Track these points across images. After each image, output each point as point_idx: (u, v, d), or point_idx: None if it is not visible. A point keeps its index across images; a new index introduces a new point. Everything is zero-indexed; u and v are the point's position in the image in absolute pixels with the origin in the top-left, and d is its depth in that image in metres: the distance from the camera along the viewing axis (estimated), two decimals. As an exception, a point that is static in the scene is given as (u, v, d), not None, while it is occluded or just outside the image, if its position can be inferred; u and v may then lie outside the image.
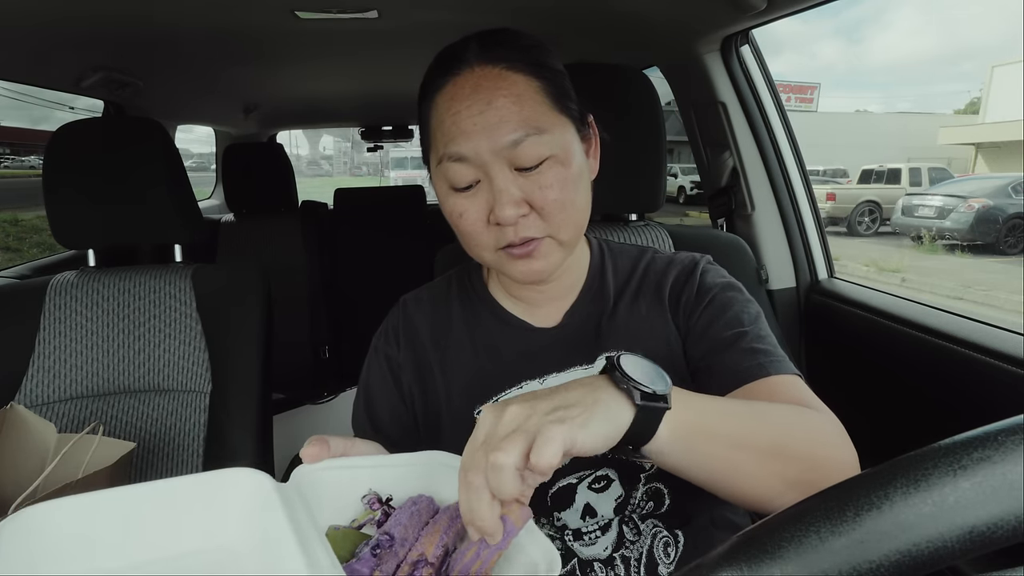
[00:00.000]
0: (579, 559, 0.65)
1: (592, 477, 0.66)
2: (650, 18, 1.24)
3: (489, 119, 0.58)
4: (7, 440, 0.80)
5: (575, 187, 0.62)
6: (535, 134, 0.59)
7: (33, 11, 1.10)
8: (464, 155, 0.59)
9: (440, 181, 0.64)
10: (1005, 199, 8.22)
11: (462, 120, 0.59)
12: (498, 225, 0.60)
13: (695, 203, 13.92)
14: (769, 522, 0.26)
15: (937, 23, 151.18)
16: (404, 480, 0.48)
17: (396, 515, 0.44)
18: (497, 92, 0.59)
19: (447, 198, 0.64)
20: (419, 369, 0.72)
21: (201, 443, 1.03)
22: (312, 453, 0.47)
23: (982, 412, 0.87)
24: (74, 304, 1.05)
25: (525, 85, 0.60)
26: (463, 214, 0.62)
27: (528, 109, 0.59)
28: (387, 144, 3.42)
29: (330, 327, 2.60)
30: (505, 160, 0.59)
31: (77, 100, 1.77)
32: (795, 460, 0.49)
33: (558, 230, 0.62)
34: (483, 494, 0.38)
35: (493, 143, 0.58)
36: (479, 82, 0.60)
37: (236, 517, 0.42)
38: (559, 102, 0.62)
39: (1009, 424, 0.25)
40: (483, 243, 0.63)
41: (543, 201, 0.60)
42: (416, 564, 0.41)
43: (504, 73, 0.60)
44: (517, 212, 0.59)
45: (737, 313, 0.66)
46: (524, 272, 0.63)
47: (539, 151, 0.59)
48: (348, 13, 1.22)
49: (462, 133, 0.59)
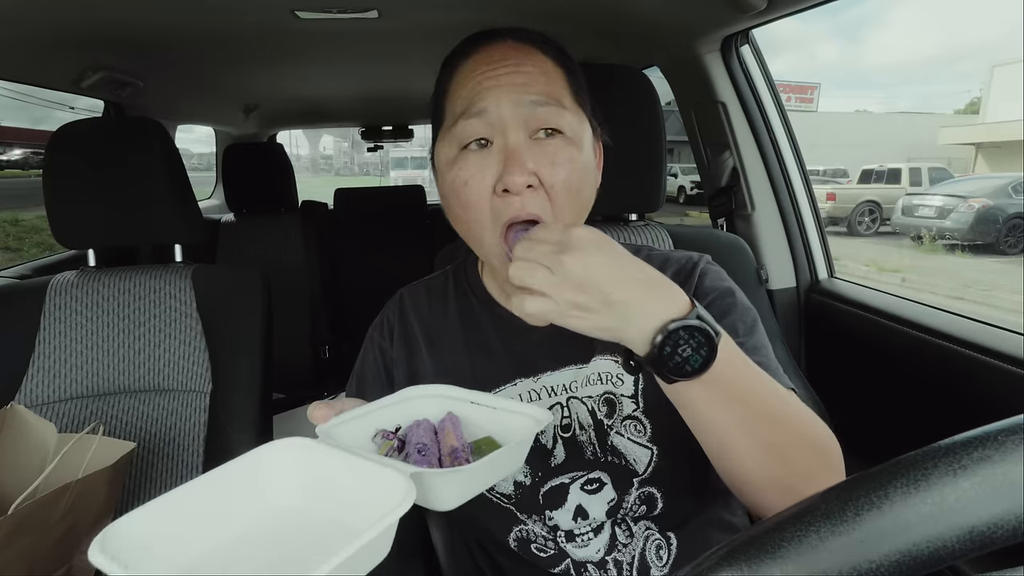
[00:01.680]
0: (572, 560, 0.65)
1: (584, 479, 0.65)
2: (650, 18, 1.24)
3: (515, 79, 0.59)
4: (7, 440, 0.80)
5: (583, 175, 0.61)
6: (557, 105, 0.59)
7: (33, 11, 1.10)
8: (483, 108, 0.58)
9: (448, 145, 0.62)
10: (1005, 199, 8.22)
11: (488, 78, 0.59)
12: (505, 194, 0.58)
13: (695, 203, 13.92)
14: (769, 522, 0.26)
15: (937, 23, 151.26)
16: (397, 415, 0.54)
17: (412, 434, 0.51)
18: (527, 60, 0.60)
19: (452, 165, 0.61)
20: (412, 365, 0.72)
21: (201, 443, 1.03)
22: (322, 415, 0.51)
23: (982, 412, 0.87)
24: (74, 304, 1.05)
25: (553, 66, 0.62)
26: (468, 181, 0.59)
27: (553, 85, 0.60)
28: (387, 144, 3.42)
29: (330, 327, 2.60)
30: (523, 122, 0.58)
31: (77, 100, 1.77)
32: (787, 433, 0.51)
33: (562, 213, 0.60)
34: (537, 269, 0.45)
35: (515, 99, 0.58)
36: (508, 51, 0.61)
37: (305, 470, 0.45)
38: (578, 95, 0.63)
39: (1009, 424, 0.25)
40: (485, 219, 0.60)
41: (552, 179, 0.58)
42: (453, 452, 0.49)
43: (534, 50, 0.62)
44: (526, 180, 0.57)
45: (734, 322, 0.64)
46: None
47: (557, 121, 0.59)
48: (348, 13, 1.22)
49: (484, 89, 0.59)
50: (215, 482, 0.42)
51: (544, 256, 0.45)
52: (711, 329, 0.45)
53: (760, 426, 0.49)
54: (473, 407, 0.55)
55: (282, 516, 0.44)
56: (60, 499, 0.70)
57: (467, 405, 0.55)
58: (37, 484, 0.68)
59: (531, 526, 0.67)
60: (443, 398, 0.56)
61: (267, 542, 0.42)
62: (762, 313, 1.00)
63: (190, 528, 0.40)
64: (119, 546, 0.35)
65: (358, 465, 0.44)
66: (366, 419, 0.53)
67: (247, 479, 0.44)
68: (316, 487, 0.44)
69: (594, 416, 0.66)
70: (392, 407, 0.55)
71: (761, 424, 0.49)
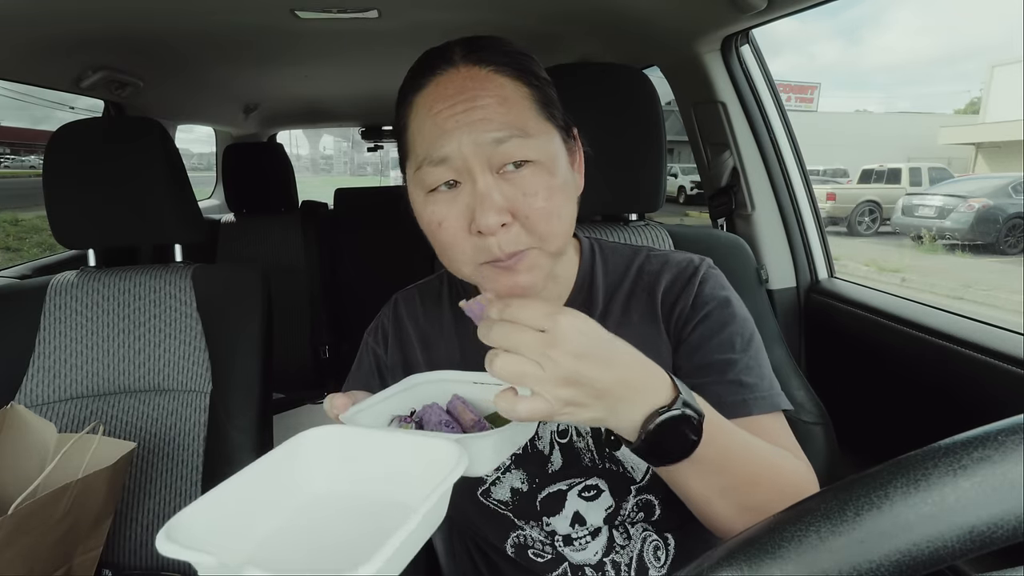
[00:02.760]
0: (570, 564, 0.65)
1: (582, 485, 0.65)
2: (650, 18, 1.24)
3: (473, 116, 0.55)
4: (7, 440, 0.80)
5: (561, 197, 0.58)
6: (520, 136, 0.55)
7: (33, 11, 1.10)
8: (446, 156, 0.55)
9: (417, 190, 0.59)
10: (1005, 199, 8.22)
11: (444, 120, 0.55)
12: (479, 234, 0.55)
13: (695, 203, 13.91)
14: (769, 522, 0.26)
15: (937, 23, 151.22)
16: (407, 401, 0.56)
17: (428, 415, 0.53)
18: (483, 92, 0.56)
19: (425, 207, 0.58)
20: (407, 369, 0.72)
21: (201, 443, 1.03)
22: (342, 404, 0.51)
23: (982, 412, 0.87)
24: (74, 304, 1.05)
25: (512, 89, 0.57)
26: (442, 223, 0.57)
27: (514, 113, 0.56)
28: (387, 144, 3.42)
29: (330, 327, 2.60)
30: (487, 161, 0.55)
31: (77, 100, 1.77)
32: (767, 492, 0.52)
33: (544, 241, 0.57)
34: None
35: (475, 139, 0.54)
36: (464, 82, 0.56)
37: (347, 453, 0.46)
38: (545, 110, 0.59)
39: (1009, 424, 0.25)
40: (463, 256, 0.58)
41: (528, 210, 0.55)
42: (476, 424, 0.51)
43: (491, 75, 0.57)
44: (499, 220, 0.54)
45: (731, 335, 0.63)
46: (509, 287, 0.58)
47: (524, 153, 0.55)
48: (348, 13, 1.22)
49: (443, 133, 0.55)
50: (263, 471, 0.43)
51: (529, 350, 0.42)
52: (696, 416, 0.46)
53: (740, 491, 0.51)
54: (477, 387, 0.56)
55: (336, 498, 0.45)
56: (60, 499, 0.70)
57: (470, 386, 0.56)
58: (37, 484, 0.68)
59: (528, 532, 0.67)
60: (446, 382, 0.57)
61: (327, 523, 0.42)
62: (762, 313, 1.00)
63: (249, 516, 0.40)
64: (188, 536, 0.35)
65: (403, 440, 0.45)
66: (376, 408, 0.53)
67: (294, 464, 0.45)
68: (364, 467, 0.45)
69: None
70: (399, 395, 0.56)
71: (741, 489, 0.51)
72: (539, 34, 1.38)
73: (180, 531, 0.36)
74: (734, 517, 0.52)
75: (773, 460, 0.54)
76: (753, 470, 0.52)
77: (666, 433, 0.45)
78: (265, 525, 0.41)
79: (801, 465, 0.58)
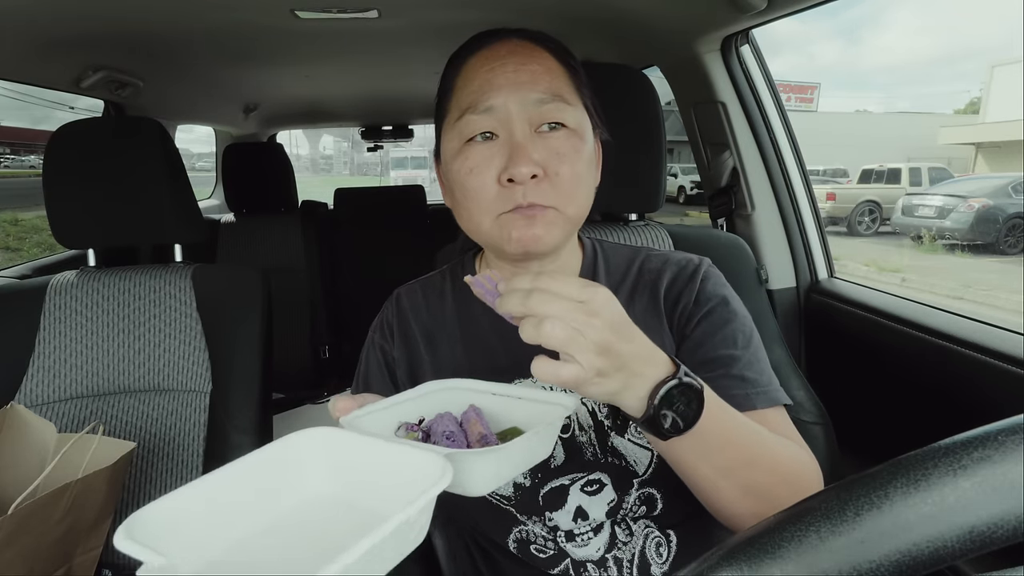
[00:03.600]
0: (572, 560, 0.65)
1: (584, 480, 0.65)
2: (650, 18, 1.24)
3: (521, 77, 0.61)
4: (7, 440, 0.80)
5: (587, 167, 0.63)
6: (561, 101, 0.61)
7: (33, 11, 1.10)
8: (491, 106, 0.60)
9: (452, 140, 0.63)
10: (1005, 199, 8.22)
11: (495, 76, 0.61)
12: (510, 182, 0.59)
13: (695, 203, 13.92)
14: (769, 522, 0.26)
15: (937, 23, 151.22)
16: (419, 408, 0.54)
17: (436, 425, 0.51)
18: (531, 59, 0.62)
19: (458, 155, 0.62)
20: (411, 364, 0.72)
21: (201, 443, 1.03)
22: (344, 407, 0.50)
23: (982, 412, 0.87)
24: (74, 304, 1.05)
25: (555, 64, 0.64)
26: (473, 169, 0.61)
27: (557, 81, 0.62)
28: (387, 144, 3.42)
29: (330, 327, 2.61)
30: (528, 119, 0.60)
31: (77, 100, 1.77)
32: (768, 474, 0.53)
33: (566, 202, 0.61)
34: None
35: (521, 97, 0.60)
36: (514, 48, 0.63)
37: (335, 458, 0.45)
38: (580, 91, 0.65)
39: (1009, 424, 0.25)
40: (487, 206, 0.61)
41: (558, 168, 0.60)
42: (482, 439, 0.49)
43: (538, 49, 0.64)
44: (531, 171, 0.58)
45: (733, 332, 0.65)
46: (522, 237, 0.60)
47: (562, 116, 0.61)
48: (348, 13, 1.22)
49: (493, 87, 0.60)
50: (244, 470, 0.42)
51: (573, 318, 0.42)
52: (698, 384, 0.47)
53: (741, 471, 0.52)
54: (495, 398, 0.54)
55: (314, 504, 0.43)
56: (60, 499, 0.70)
57: (489, 397, 0.54)
58: (37, 484, 0.68)
59: (531, 527, 0.67)
60: (464, 391, 0.56)
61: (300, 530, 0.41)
62: (762, 313, 1.00)
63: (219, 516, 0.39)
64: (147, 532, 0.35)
65: (391, 449, 0.43)
66: (387, 412, 0.52)
67: (277, 467, 0.44)
68: (348, 474, 0.44)
69: (594, 417, 0.66)
70: (413, 401, 0.55)
71: (742, 469, 0.52)
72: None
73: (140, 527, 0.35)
74: (738, 500, 0.53)
75: (773, 442, 0.56)
76: (755, 450, 0.53)
77: (672, 402, 0.46)
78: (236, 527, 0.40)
79: (802, 452, 0.59)
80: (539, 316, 0.42)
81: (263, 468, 0.43)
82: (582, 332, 0.42)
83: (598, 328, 0.43)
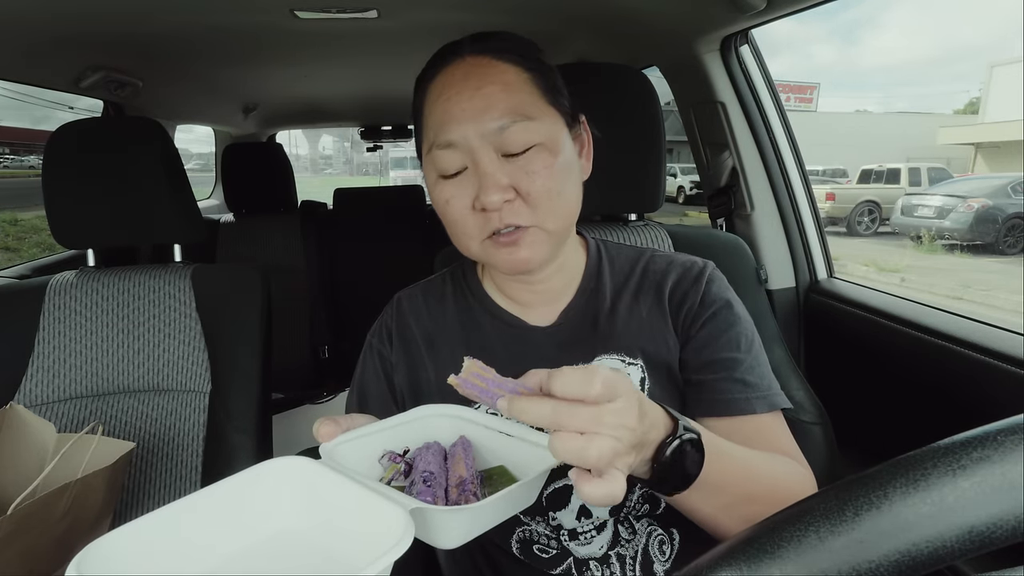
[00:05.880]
0: (575, 558, 0.65)
1: None
2: (650, 18, 1.24)
3: (477, 104, 0.59)
4: (7, 440, 0.80)
5: (563, 177, 0.61)
6: (522, 120, 0.59)
7: (33, 11, 1.10)
8: (452, 141, 0.60)
9: (430, 170, 0.64)
10: (1004, 199, 8.22)
11: (451, 106, 0.60)
12: (484, 211, 0.60)
13: (695, 203, 13.91)
14: (769, 522, 0.26)
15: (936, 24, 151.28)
16: (408, 435, 0.53)
17: (420, 458, 0.49)
18: (486, 79, 0.60)
19: (435, 187, 0.63)
20: (412, 369, 0.72)
21: (201, 443, 1.03)
22: (328, 432, 0.49)
23: (982, 412, 0.87)
24: (74, 304, 1.05)
25: (515, 75, 0.61)
26: (449, 201, 0.62)
27: (516, 97, 0.60)
28: (387, 144, 3.42)
29: (330, 327, 2.60)
30: (491, 146, 0.59)
31: (77, 100, 1.77)
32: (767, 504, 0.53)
33: (544, 219, 0.61)
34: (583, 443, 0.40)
35: (480, 128, 0.59)
36: (469, 70, 0.61)
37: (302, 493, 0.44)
38: (549, 94, 0.63)
39: (1009, 424, 0.25)
40: (469, 232, 0.62)
41: (529, 187, 0.59)
42: (461, 484, 0.47)
43: (494, 62, 0.61)
44: (502, 197, 0.58)
45: (737, 335, 0.66)
46: (509, 261, 0.62)
47: (526, 137, 0.59)
48: (348, 13, 1.22)
49: (451, 119, 0.60)
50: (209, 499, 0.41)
51: (608, 426, 0.40)
52: (696, 435, 0.47)
53: (740, 507, 0.53)
54: (488, 431, 0.52)
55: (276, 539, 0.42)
56: (60, 499, 0.70)
57: (482, 429, 0.53)
58: (37, 484, 0.68)
59: (534, 527, 0.67)
60: (457, 419, 0.54)
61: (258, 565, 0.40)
62: (761, 313, 1.00)
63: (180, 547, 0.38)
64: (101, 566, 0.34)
65: (358, 494, 0.42)
66: (375, 437, 0.51)
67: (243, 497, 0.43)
68: (313, 512, 0.43)
69: None
70: (404, 425, 0.53)
71: (741, 505, 0.53)
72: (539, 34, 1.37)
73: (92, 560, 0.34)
74: (737, 527, 0.53)
75: (768, 468, 0.56)
76: (752, 486, 0.54)
77: (677, 459, 0.46)
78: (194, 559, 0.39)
79: (800, 469, 0.60)
80: (567, 429, 0.40)
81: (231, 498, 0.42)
82: (620, 440, 0.40)
83: (633, 428, 0.41)
